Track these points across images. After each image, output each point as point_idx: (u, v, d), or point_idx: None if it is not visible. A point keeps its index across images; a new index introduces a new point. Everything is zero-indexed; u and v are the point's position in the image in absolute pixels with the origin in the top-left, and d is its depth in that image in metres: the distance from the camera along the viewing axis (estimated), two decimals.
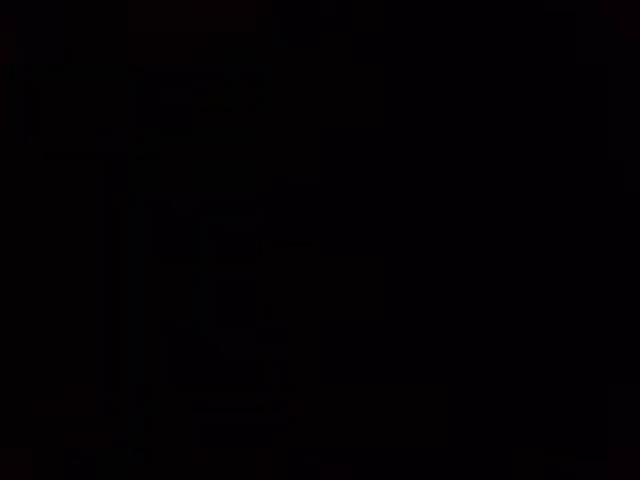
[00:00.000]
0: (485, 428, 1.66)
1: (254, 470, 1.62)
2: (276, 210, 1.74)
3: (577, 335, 1.69)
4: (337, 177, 1.75)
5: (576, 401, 1.67)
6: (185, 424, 1.64)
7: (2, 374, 1.65)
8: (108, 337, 1.67)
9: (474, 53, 1.75)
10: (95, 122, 1.72)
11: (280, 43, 1.76)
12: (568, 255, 1.72)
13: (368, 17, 1.77)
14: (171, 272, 1.69)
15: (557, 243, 1.73)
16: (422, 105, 1.76)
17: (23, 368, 1.65)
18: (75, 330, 1.67)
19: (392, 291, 1.72)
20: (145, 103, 1.73)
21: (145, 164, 1.72)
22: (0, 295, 1.66)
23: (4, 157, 1.70)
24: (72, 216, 1.70)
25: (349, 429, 1.65)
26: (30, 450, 1.62)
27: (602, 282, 1.71)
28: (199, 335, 1.67)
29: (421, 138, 1.76)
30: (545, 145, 1.75)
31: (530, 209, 1.74)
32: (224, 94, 1.75)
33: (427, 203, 1.75)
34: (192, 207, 1.71)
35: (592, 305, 1.70)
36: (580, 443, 1.65)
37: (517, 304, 1.71)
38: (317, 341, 1.69)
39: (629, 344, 1.69)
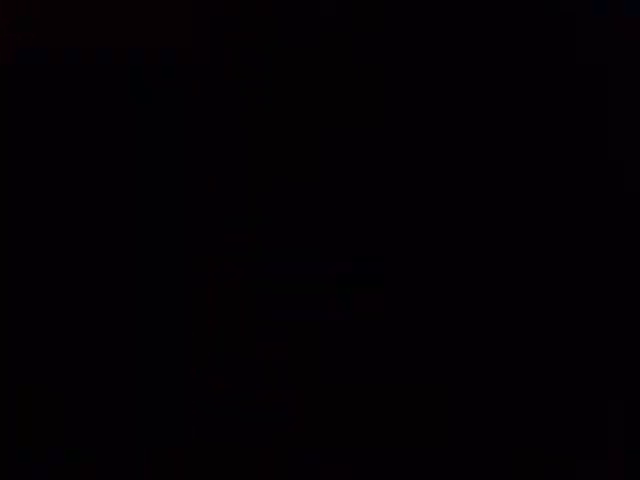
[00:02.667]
0: (485, 428, 1.66)
1: (254, 470, 1.62)
2: (274, 210, 1.74)
3: (577, 335, 1.69)
4: (337, 177, 1.75)
5: (576, 401, 1.67)
6: (185, 424, 1.64)
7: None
8: (108, 336, 1.67)
9: (474, 53, 1.76)
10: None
11: (280, 43, 1.76)
12: (568, 255, 1.72)
13: (368, 17, 1.77)
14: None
15: (557, 243, 1.73)
16: (422, 105, 1.76)
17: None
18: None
19: (392, 291, 1.72)
20: (143, 102, 1.73)
21: (148, 164, 1.72)
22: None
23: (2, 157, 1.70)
24: (73, 216, 1.70)
25: (349, 429, 1.65)
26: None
27: (602, 282, 1.71)
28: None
29: (421, 138, 1.76)
30: (545, 145, 1.75)
31: (530, 209, 1.74)
32: (224, 94, 1.75)
33: (427, 203, 1.75)
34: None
35: (592, 305, 1.70)
36: (580, 443, 1.65)
37: (517, 304, 1.71)
38: (317, 341, 1.69)
39: (629, 345, 1.69)
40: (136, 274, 1.69)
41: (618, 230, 1.72)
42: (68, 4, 1.74)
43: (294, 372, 1.67)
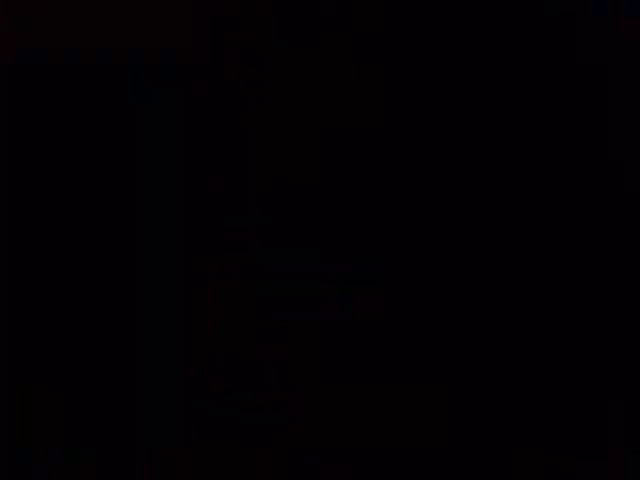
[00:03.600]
0: (485, 428, 1.66)
1: (254, 470, 1.62)
2: (274, 210, 1.74)
3: (577, 335, 1.69)
4: (337, 177, 1.75)
5: (576, 401, 1.67)
6: (185, 424, 1.64)
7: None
8: (108, 333, 1.67)
9: (474, 53, 1.76)
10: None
11: (280, 43, 1.76)
12: (568, 255, 1.72)
13: (368, 17, 1.77)
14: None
15: (557, 244, 1.73)
16: (422, 105, 1.76)
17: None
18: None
19: (392, 291, 1.72)
20: (143, 102, 1.73)
21: (149, 162, 1.72)
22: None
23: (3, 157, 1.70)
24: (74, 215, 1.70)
25: (349, 429, 1.65)
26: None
27: (602, 282, 1.71)
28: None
29: (421, 138, 1.76)
30: (545, 145, 1.75)
31: (530, 209, 1.74)
32: (224, 94, 1.75)
33: (427, 203, 1.75)
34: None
35: (592, 305, 1.70)
36: (580, 443, 1.65)
37: (517, 304, 1.71)
38: (317, 341, 1.69)
39: (629, 345, 1.69)
40: (136, 274, 1.69)
41: (618, 230, 1.72)
42: (68, 4, 1.74)
43: (294, 372, 1.67)
